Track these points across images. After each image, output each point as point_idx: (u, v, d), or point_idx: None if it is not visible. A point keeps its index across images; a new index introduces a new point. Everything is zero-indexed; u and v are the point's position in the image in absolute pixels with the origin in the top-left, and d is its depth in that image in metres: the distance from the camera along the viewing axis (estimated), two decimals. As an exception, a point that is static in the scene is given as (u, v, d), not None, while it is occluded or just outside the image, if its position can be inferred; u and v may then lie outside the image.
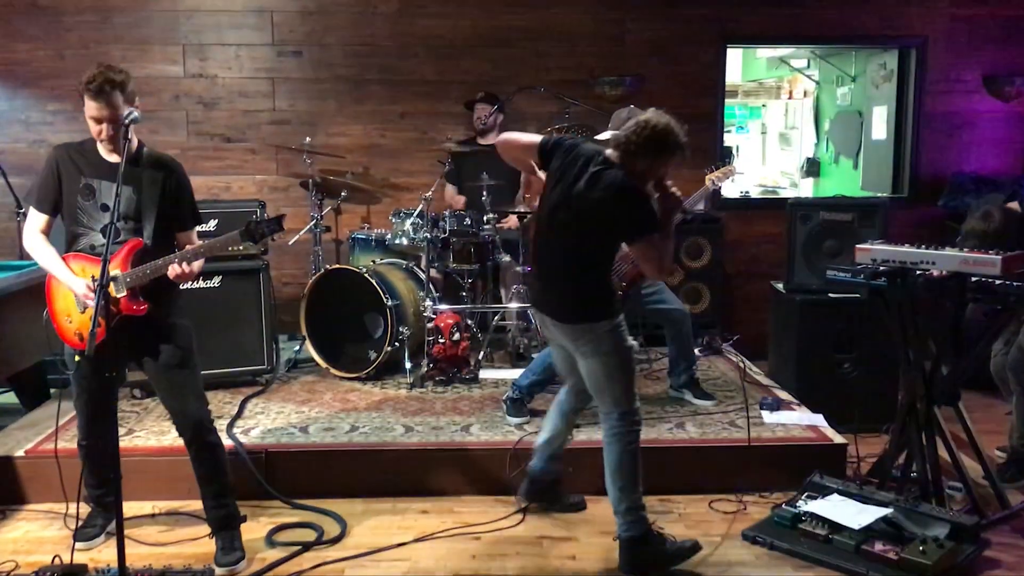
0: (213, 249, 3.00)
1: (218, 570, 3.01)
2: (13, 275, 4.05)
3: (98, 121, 2.88)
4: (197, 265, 2.97)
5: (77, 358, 2.63)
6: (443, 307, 4.73)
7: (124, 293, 2.92)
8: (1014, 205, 3.82)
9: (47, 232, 3.04)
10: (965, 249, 3.38)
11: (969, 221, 3.79)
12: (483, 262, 4.94)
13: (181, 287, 3.10)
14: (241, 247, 4.41)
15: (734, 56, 7.70)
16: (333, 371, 4.76)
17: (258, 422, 4.05)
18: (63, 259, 2.99)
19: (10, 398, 4.60)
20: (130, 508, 3.37)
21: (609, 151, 2.98)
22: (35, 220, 3.03)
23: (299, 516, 3.48)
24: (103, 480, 3.21)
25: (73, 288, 2.94)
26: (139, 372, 3.58)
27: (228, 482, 3.18)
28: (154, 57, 5.67)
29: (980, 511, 3.37)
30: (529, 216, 5.14)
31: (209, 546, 3.16)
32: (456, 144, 5.21)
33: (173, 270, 2.90)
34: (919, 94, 5.99)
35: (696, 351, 5.03)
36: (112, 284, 2.89)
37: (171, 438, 3.82)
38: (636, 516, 3.08)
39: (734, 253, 6.00)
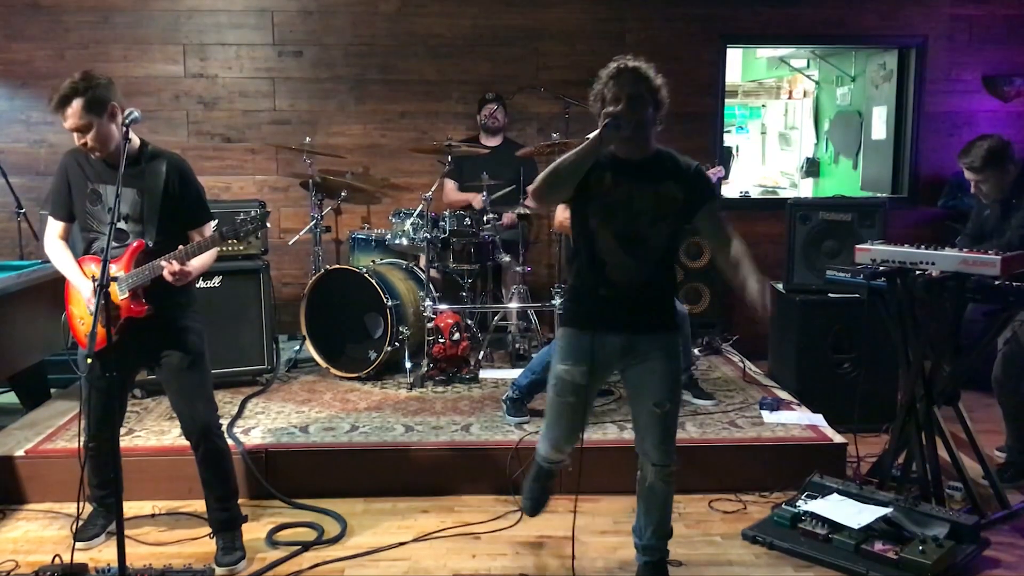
0: (201, 248, 2.95)
1: (218, 570, 3.01)
2: (13, 275, 4.05)
3: (71, 131, 2.88)
4: (194, 265, 2.95)
5: (89, 360, 2.64)
6: (443, 307, 4.73)
7: (126, 295, 2.94)
8: None
9: (66, 238, 3.09)
10: (964, 249, 3.39)
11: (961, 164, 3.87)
12: (483, 262, 4.95)
13: (194, 287, 3.12)
14: (241, 247, 4.47)
15: (734, 56, 7.70)
16: (333, 371, 4.77)
17: (258, 422, 4.05)
18: (78, 263, 3.04)
19: (10, 398, 4.61)
20: (130, 508, 3.38)
21: None
22: (53, 227, 3.09)
23: (299, 516, 3.48)
24: (106, 481, 3.21)
25: (81, 290, 2.99)
26: (140, 373, 3.61)
27: (233, 486, 3.19)
28: (154, 57, 5.67)
29: (980, 511, 3.38)
30: (527, 215, 5.16)
31: (209, 546, 3.17)
32: (460, 142, 5.21)
33: (168, 271, 2.87)
34: (919, 94, 5.99)
35: (696, 351, 5.04)
36: (115, 286, 2.91)
37: (171, 438, 3.83)
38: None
39: (734, 253, 5.99)
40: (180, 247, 2.95)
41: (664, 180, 2.67)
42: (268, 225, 3.00)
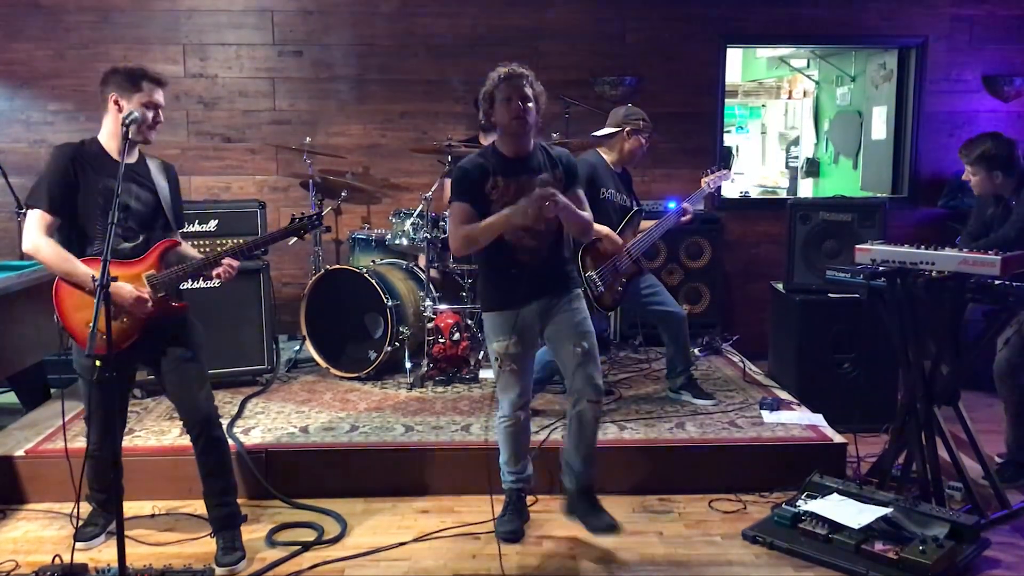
0: (260, 244, 3.12)
1: (218, 570, 3.01)
2: (13, 275, 4.05)
3: (154, 107, 2.97)
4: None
5: (98, 363, 2.51)
6: (443, 307, 4.73)
7: (161, 293, 2.97)
8: None
9: (51, 235, 2.92)
10: (964, 250, 3.39)
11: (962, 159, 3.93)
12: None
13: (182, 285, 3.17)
14: (235, 238, 4.49)
15: (734, 56, 7.71)
16: (333, 371, 4.77)
17: (258, 422, 4.05)
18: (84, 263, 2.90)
19: (10, 398, 4.61)
20: (130, 508, 3.38)
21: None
22: (42, 222, 2.89)
23: (299, 516, 3.49)
24: (107, 486, 3.20)
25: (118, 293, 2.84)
26: (139, 372, 3.61)
27: (232, 480, 3.20)
28: (154, 57, 5.66)
29: (980, 511, 3.37)
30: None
31: (209, 546, 3.17)
32: (459, 143, 5.20)
33: (227, 268, 3.04)
34: (919, 94, 5.99)
35: (696, 351, 5.03)
36: (147, 285, 2.96)
37: (171, 438, 3.83)
38: None
39: (734, 253, 6.00)
40: (239, 240, 3.03)
41: (548, 168, 3.14)
42: (322, 222, 3.27)
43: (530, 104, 3.04)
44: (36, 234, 2.90)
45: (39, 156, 5.64)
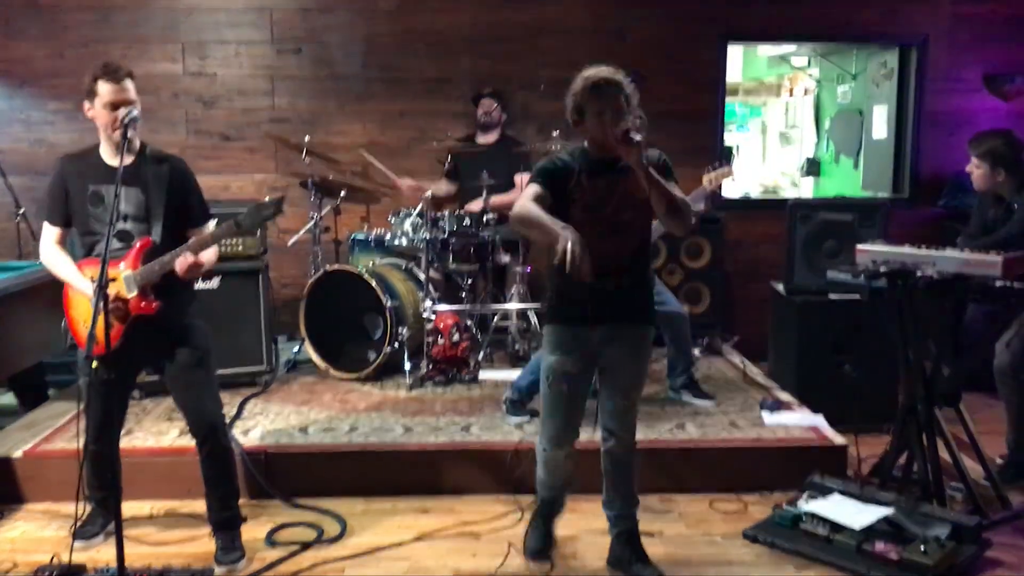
0: (217, 237, 2.99)
1: (218, 569, 3.01)
2: (13, 275, 4.05)
3: (117, 105, 2.88)
4: (207, 257, 2.99)
5: (95, 364, 2.60)
6: (443, 307, 4.72)
7: (135, 292, 2.94)
8: None
9: (63, 244, 3.08)
10: (966, 250, 3.38)
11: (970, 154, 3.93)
12: (483, 262, 4.93)
13: (194, 287, 3.15)
14: (240, 247, 4.46)
15: (735, 54, 7.68)
16: (332, 372, 4.76)
17: (257, 423, 4.04)
18: (78, 266, 3.02)
19: (10, 398, 4.61)
20: (130, 508, 3.37)
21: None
22: (49, 234, 3.07)
23: (299, 516, 3.48)
24: (106, 482, 3.19)
25: (85, 292, 2.95)
26: (140, 374, 3.60)
27: (235, 485, 3.20)
28: (153, 55, 5.66)
29: (982, 512, 3.37)
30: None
31: (209, 546, 3.16)
32: (457, 141, 5.20)
33: (181, 263, 2.89)
34: (920, 93, 5.98)
35: (696, 352, 5.03)
36: (123, 284, 2.94)
37: (171, 438, 3.82)
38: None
39: (734, 253, 5.99)
40: (192, 239, 2.98)
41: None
42: (284, 210, 3.06)
43: (624, 117, 2.76)
44: (45, 245, 3.09)
45: (39, 156, 5.63)
